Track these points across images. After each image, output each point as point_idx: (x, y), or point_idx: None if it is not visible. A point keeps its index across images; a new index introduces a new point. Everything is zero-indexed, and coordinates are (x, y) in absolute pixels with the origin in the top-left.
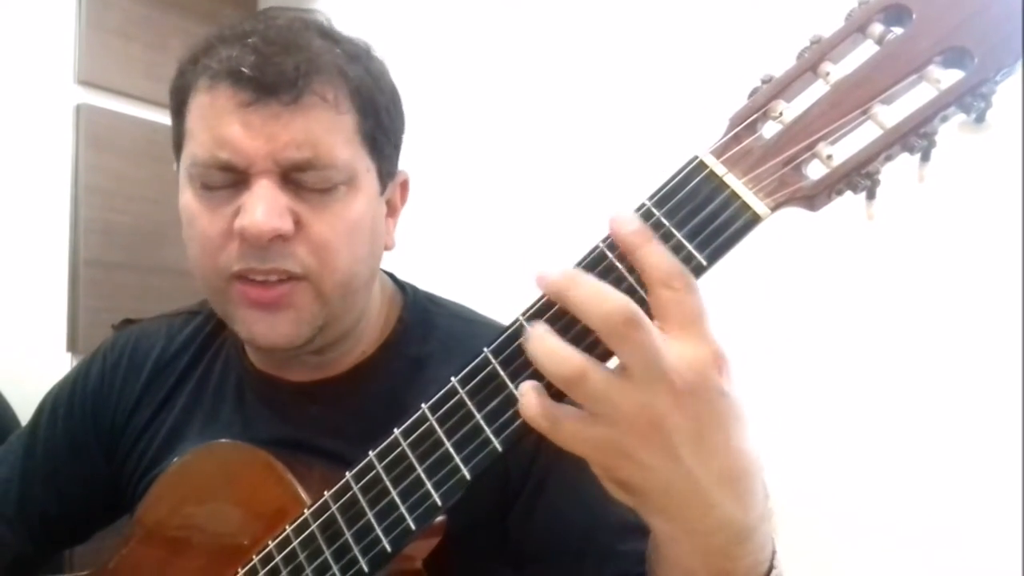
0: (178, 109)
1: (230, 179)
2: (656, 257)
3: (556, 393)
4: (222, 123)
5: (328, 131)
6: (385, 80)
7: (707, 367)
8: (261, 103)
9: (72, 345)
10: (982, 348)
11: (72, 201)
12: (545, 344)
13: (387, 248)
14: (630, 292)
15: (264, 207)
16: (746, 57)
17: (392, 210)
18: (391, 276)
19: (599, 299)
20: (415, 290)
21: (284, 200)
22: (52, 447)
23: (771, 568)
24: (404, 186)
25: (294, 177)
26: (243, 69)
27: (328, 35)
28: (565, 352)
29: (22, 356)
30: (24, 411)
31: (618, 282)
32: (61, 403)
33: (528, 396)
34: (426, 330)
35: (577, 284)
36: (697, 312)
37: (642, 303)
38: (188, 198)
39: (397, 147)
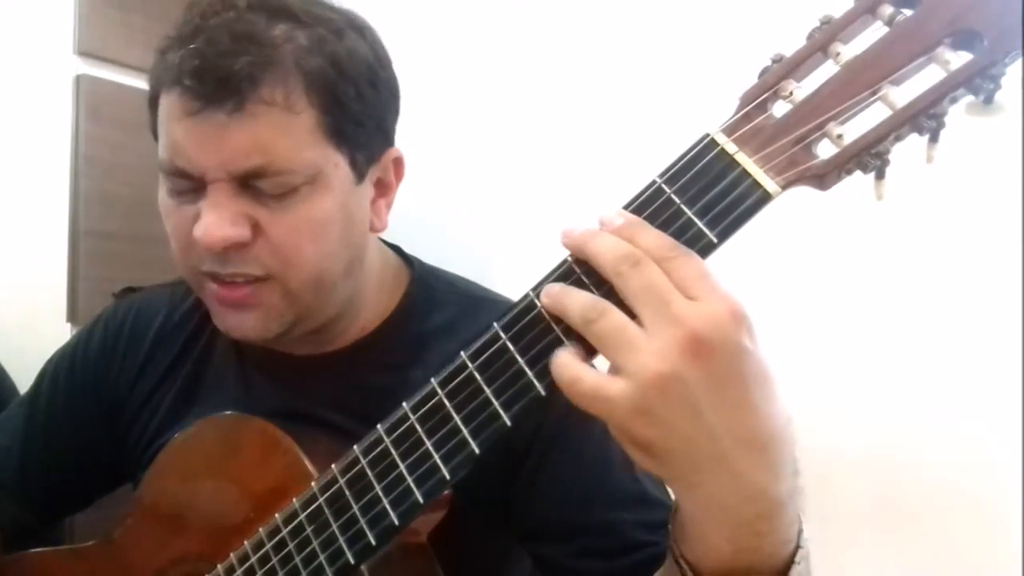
0: (152, 104)
1: (190, 185)
2: (649, 238)
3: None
4: (175, 131)
5: (280, 135)
6: (357, 61)
7: (723, 321)
8: (206, 112)
9: (72, 315)
10: (983, 342)
11: (72, 172)
12: (566, 290)
13: (375, 230)
14: None
15: (216, 218)
16: (756, 38)
17: (384, 189)
18: (397, 249)
19: (613, 245)
20: (421, 264)
21: (240, 207)
22: (53, 415)
23: (798, 547)
24: (397, 164)
25: (250, 183)
26: (184, 80)
27: (293, 17)
28: (584, 294)
29: (22, 326)
30: (24, 381)
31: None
32: (62, 370)
33: (558, 354)
34: (432, 305)
35: (596, 235)
36: (701, 271)
37: None
38: (162, 195)
39: (380, 127)
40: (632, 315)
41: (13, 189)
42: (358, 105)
